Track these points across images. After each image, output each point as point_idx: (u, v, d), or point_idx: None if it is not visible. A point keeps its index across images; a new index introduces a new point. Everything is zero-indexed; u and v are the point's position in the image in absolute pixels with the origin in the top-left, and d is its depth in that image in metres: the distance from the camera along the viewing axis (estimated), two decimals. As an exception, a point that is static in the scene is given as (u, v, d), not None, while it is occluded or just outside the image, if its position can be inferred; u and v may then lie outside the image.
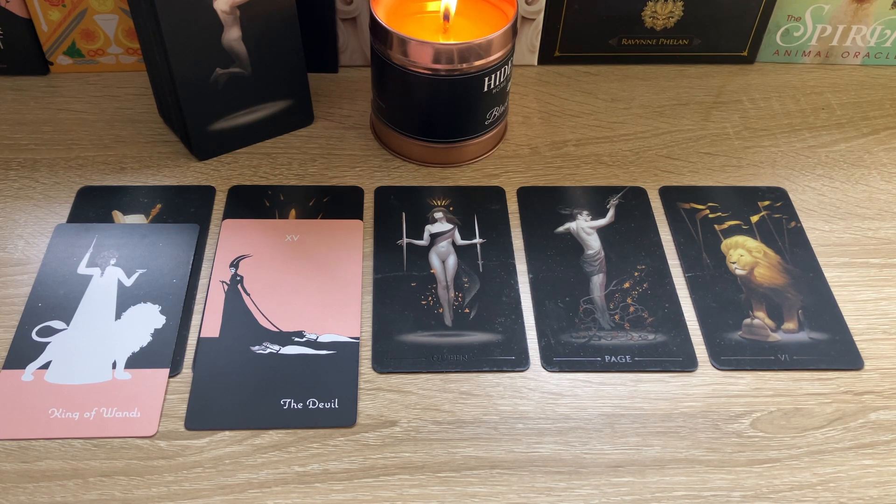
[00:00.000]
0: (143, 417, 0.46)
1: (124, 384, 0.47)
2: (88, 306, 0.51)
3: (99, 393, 0.47)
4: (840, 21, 0.69)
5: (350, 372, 0.49)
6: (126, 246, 0.54)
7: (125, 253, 0.54)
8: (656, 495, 0.44)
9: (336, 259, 0.55)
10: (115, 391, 0.47)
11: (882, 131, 0.67)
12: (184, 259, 0.54)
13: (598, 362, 0.50)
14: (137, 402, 0.47)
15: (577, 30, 0.69)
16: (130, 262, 0.53)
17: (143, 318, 0.50)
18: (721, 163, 0.63)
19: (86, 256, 0.53)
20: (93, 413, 0.46)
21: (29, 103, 0.65)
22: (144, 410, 0.46)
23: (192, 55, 0.55)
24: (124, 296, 0.52)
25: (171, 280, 0.52)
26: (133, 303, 0.51)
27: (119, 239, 0.55)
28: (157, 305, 0.51)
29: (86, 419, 0.46)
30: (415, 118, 0.60)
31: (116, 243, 0.54)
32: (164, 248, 0.54)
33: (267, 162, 0.61)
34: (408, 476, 0.45)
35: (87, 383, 0.47)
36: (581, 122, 0.66)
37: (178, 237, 0.55)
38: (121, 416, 0.46)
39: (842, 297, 0.54)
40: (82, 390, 0.47)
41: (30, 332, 0.50)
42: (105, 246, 0.54)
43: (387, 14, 0.58)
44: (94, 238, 0.54)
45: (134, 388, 0.47)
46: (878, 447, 0.47)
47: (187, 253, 0.54)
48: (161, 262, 0.53)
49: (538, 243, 0.57)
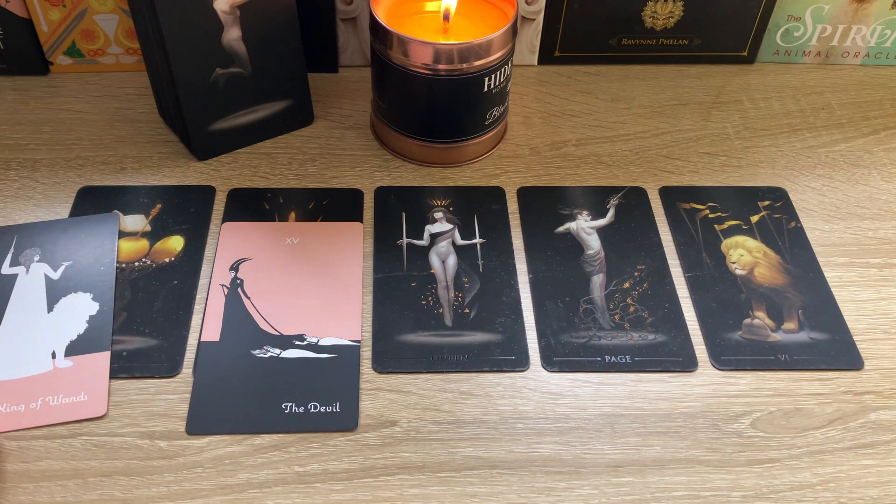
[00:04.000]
0: (91, 399, 0.47)
1: (66, 371, 0.48)
2: (18, 304, 0.51)
3: (41, 383, 0.48)
4: (840, 21, 0.69)
5: (351, 375, 0.49)
6: (48, 242, 0.55)
7: (48, 248, 0.54)
8: (656, 495, 0.44)
9: (336, 262, 0.55)
10: (58, 379, 0.48)
11: (882, 131, 0.67)
12: (108, 247, 0.54)
13: (598, 362, 0.50)
14: (83, 386, 0.47)
15: (577, 30, 0.69)
16: (55, 256, 0.54)
17: (76, 306, 0.51)
18: (721, 163, 0.63)
19: (7, 257, 0.54)
20: (38, 403, 0.47)
21: (29, 103, 0.65)
22: (91, 393, 0.47)
23: (192, 55, 0.55)
24: (54, 289, 0.52)
25: (98, 268, 0.53)
26: (64, 294, 0.52)
27: (40, 236, 0.55)
28: (88, 293, 0.52)
29: (32, 409, 0.47)
30: (415, 118, 0.60)
31: (37, 240, 0.55)
32: (86, 238, 0.55)
33: (267, 162, 0.61)
34: (408, 476, 0.45)
35: (28, 376, 0.48)
36: (581, 122, 0.66)
37: (99, 227, 0.56)
38: (68, 402, 0.47)
39: (842, 297, 0.54)
40: (24, 383, 0.48)
41: None
42: (26, 245, 0.55)
43: (387, 14, 0.58)
44: (13, 238, 0.55)
45: (77, 374, 0.48)
46: (878, 447, 0.47)
47: (110, 241, 0.55)
48: (86, 252, 0.54)
49: (538, 243, 0.57)
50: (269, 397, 0.47)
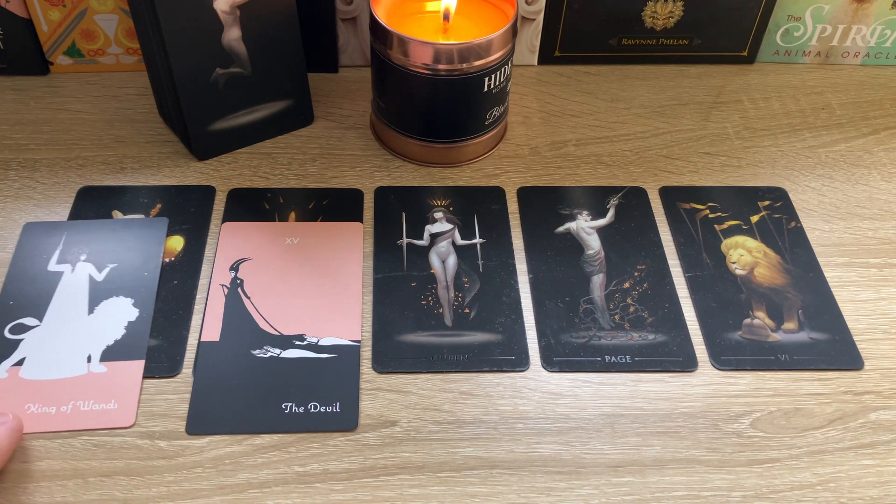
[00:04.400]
0: (120, 408, 0.47)
1: (100, 377, 0.48)
2: (60, 302, 0.51)
3: (75, 387, 0.47)
4: (840, 21, 0.69)
5: (351, 375, 0.49)
6: (96, 241, 0.54)
7: (95, 248, 0.54)
8: (656, 495, 0.44)
9: (336, 262, 0.55)
10: (90, 384, 0.47)
11: (882, 131, 0.67)
12: (154, 252, 0.54)
13: (598, 362, 0.50)
14: (114, 394, 0.47)
15: (577, 30, 0.69)
16: (101, 257, 0.54)
17: (117, 311, 0.51)
18: (721, 163, 0.63)
19: (55, 253, 0.54)
20: (69, 407, 0.46)
21: (29, 103, 0.65)
22: (121, 402, 0.47)
23: (192, 55, 0.55)
24: (96, 290, 0.52)
25: (142, 273, 0.53)
26: (105, 297, 0.51)
27: (89, 235, 0.55)
28: (129, 299, 0.51)
29: (63, 413, 0.46)
30: (415, 118, 0.60)
31: (86, 239, 0.55)
32: (133, 242, 0.54)
33: (267, 162, 0.61)
34: (408, 476, 0.45)
35: (63, 378, 0.48)
36: (581, 122, 0.66)
37: (148, 231, 0.55)
38: (98, 409, 0.46)
39: (842, 297, 0.54)
40: (58, 385, 0.47)
41: (2, 330, 0.50)
42: (74, 242, 0.54)
43: (387, 14, 0.58)
44: (63, 235, 0.55)
45: (110, 381, 0.48)
46: (878, 447, 0.47)
47: (157, 246, 0.54)
48: (132, 256, 0.54)
49: (538, 243, 0.57)
50: (269, 397, 0.47)
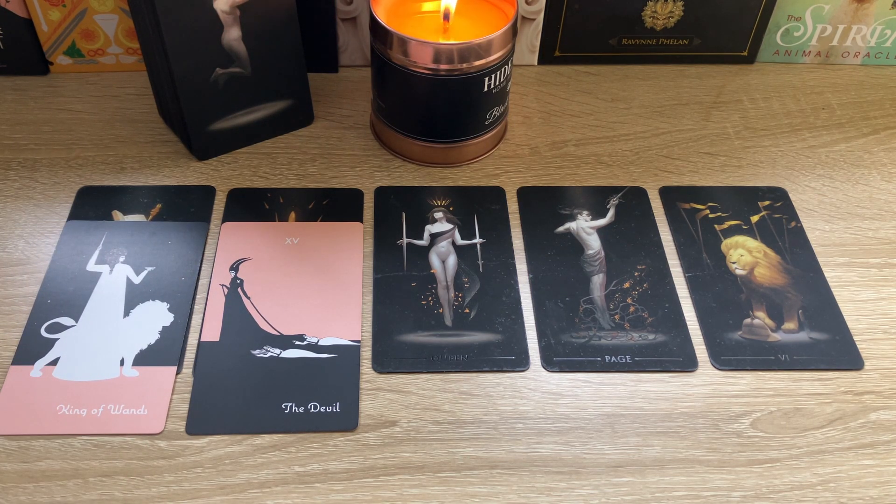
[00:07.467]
0: (151, 415, 0.46)
1: (132, 381, 0.48)
2: (97, 303, 0.51)
3: (106, 390, 0.47)
4: (840, 21, 0.69)
5: (351, 375, 0.49)
6: (135, 244, 0.54)
7: (134, 250, 0.54)
8: (656, 495, 0.44)
9: (336, 262, 0.55)
10: (122, 388, 0.47)
11: (882, 131, 0.67)
12: (192, 257, 0.54)
13: (598, 362, 0.50)
14: (145, 400, 0.47)
15: (577, 30, 0.69)
16: (139, 259, 0.53)
17: (152, 315, 0.51)
18: (721, 163, 0.63)
19: (95, 254, 0.53)
20: (100, 410, 0.46)
21: (29, 103, 0.65)
22: (151, 408, 0.47)
23: (192, 55, 0.55)
24: (133, 293, 0.52)
25: (179, 278, 0.52)
26: (141, 300, 0.51)
27: (128, 236, 0.55)
28: (165, 303, 0.51)
29: (93, 416, 0.46)
30: (415, 118, 0.60)
31: (125, 241, 0.54)
32: (172, 245, 0.54)
33: (267, 162, 0.61)
34: (408, 476, 0.45)
35: (95, 380, 0.47)
36: (581, 122, 0.66)
37: (187, 235, 0.55)
38: (128, 413, 0.46)
39: (842, 297, 0.54)
40: (90, 387, 0.47)
41: (38, 328, 0.50)
42: (114, 243, 0.54)
43: (387, 14, 0.58)
44: (103, 235, 0.55)
45: (141, 386, 0.47)
46: (878, 447, 0.47)
47: (196, 251, 0.54)
48: (170, 260, 0.53)
49: (538, 243, 0.57)
50: (269, 397, 0.47)
